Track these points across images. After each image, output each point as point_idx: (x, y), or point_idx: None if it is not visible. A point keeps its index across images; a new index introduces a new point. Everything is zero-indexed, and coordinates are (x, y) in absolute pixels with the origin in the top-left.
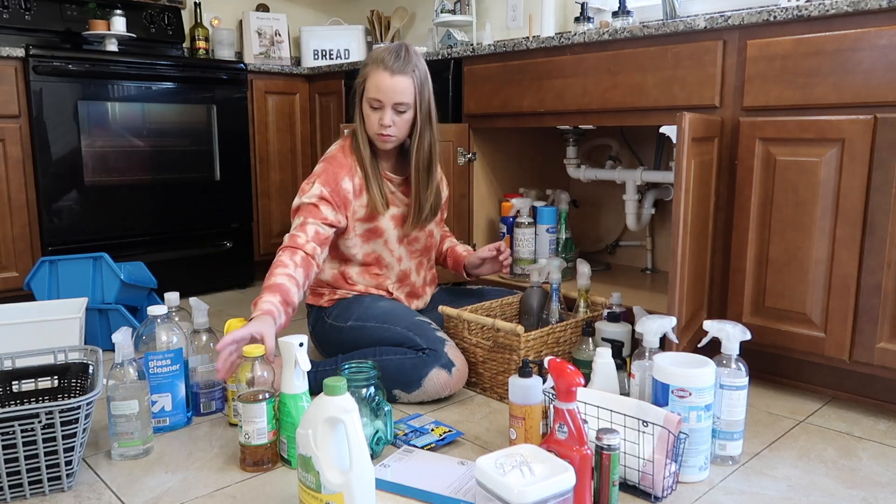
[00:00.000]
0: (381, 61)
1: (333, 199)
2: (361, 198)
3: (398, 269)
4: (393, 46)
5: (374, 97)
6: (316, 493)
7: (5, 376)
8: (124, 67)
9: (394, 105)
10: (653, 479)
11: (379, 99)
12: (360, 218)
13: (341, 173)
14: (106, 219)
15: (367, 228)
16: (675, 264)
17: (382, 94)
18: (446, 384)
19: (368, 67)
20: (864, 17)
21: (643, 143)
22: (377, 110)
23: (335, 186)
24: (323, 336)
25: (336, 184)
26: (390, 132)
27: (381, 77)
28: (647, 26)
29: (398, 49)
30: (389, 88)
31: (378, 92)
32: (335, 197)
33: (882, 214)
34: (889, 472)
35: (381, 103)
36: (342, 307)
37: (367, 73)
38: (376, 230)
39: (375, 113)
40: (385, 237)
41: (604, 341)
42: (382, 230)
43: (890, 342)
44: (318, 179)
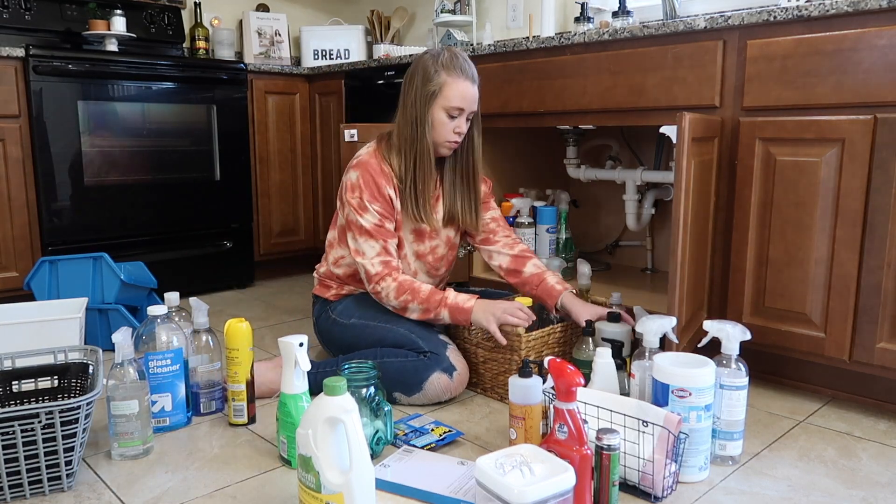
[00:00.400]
0: (459, 69)
1: (386, 211)
2: (396, 205)
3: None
4: (457, 52)
5: (456, 105)
6: (316, 493)
7: (5, 376)
8: (124, 67)
9: (469, 113)
10: (653, 479)
11: (462, 108)
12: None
13: (381, 181)
14: (106, 219)
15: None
16: (675, 264)
17: (466, 102)
18: (447, 388)
19: (444, 74)
20: (864, 17)
21: (643, 143)
22: (455, 118)
23: (381, 197)
24: (325, 329)
25: (381, 194)
26: (460, 139)
27: (465, 86)
28: (647, 26)
29: (458, 54)
30: (472, 97)
31: (463, 101)
32: (386, 206)
33: (882, 214)
34: (889, 472)
35: (462, 111)
36: (347, 304)
37: (445, 81)
38: (399, 242)
39: (452, 121)
40: (403, 251)
41: (604, 341)
42: (402, 243)
43: (890, 342)
44: (364, 194)
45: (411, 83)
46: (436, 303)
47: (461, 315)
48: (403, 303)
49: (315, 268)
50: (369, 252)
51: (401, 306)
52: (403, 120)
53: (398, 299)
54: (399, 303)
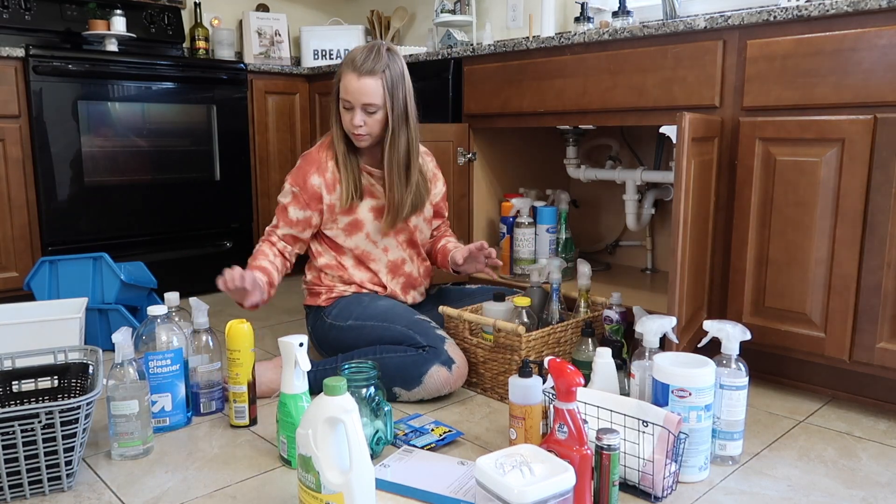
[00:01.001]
0: (351, 62)
1: (302, 197)
2: (336, 191)
3: (387, 260)
4: (366, 47)
5: (343, 98)
6: (316, 493)
7: (5, 376)
8: (124, 67)
9: (362, 105)
10: (653, 479)
11: (348, 100)
12: (339, 211)
13: (310, 170)
14: (106, 219)
15: (348, 222)
16: (675, 264)
17: (351, 95)
18: (447, 381)
19: (342, 67)
20: (864, 17)
21: (643, 143)
22: (349, 110)
23: (304, 184)
24: (322, 336)
25: (304, 181)
26: (362, 131)
27: (349, 78)
28: (647, 26)
29: (370, 49)
30: (356, 90)
31: (347, 93)
32: (303, 194)
33: (882, 214)
34: (889, 472)
35: (351, 104)
36: (341, 306)
37: (340, 74)
38: (356, 223)
39: (348, 113)
40: (366, 230)
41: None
42: (362, 222)
43: (890, 342)
44: (291, 178)
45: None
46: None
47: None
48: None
49: (302, 281)
50: (272, 222)
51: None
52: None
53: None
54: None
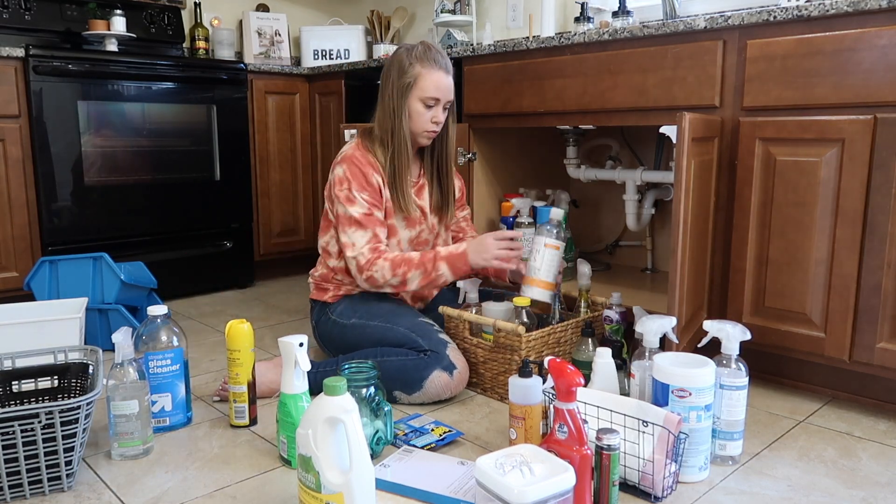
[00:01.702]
0: (433, 60)
1: (375, 199)
2: (385, 194)
3: None
4: (430, 45)
5: (431, 96)
6: (316, 493)
7: (5, 376)
8: (124, 67)
9: (445, 103)
10: (653, 479)
11: (437, 98)
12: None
13: (368, 171)
14: (106, 219)
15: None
16: (675, 264)
17: (441, 92)
18: (447, 386)
19: (418, 66)
20: (864, 17)
21: (643, 143)
22: (431, 108)
23: (370, 186)
24: (325, 332)
25: (369, 183)
26: (438, 129)
27: (439, 76)
28: (647, 26)
29: (437, 48)
30: (447, 87)
31: (437, 91)
32: (374, 195)
33: (882, 214)
34: (889, 472)
35: (438, 101)
36: (346, 304)
37: (419, 73)
38: (392, 228)
39: (429, 111)
40: (398, 237)
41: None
42: (396, 229)
43: (890, 342)
44: (353, 185)
45: (388, 77)
46: (431, 262)
47: (459, 261)
48: (402, 275)
49: (309, 273)
50: (359, 242)
51: (400, 280)
52: (382, 113)
53: (395, 274)
54: (398, 277)
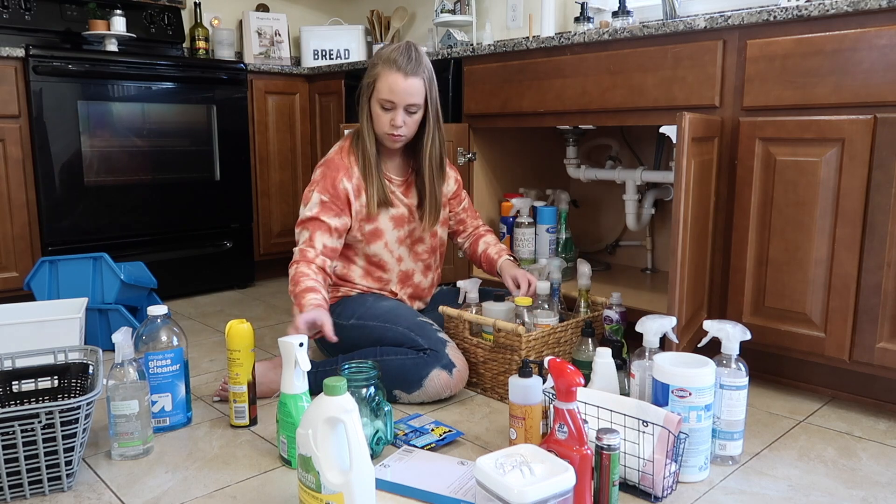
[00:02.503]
0: (393, 62)
1: (335, 204)
2: (361, 198)
3: (398, 270)
4: (401, 47)
5: (386, 98)
6: (316, 493)
7: (5, 376)
8: (124, 67)
9: (406, 106)
10: (653, 479)
11: (392, 100)
12: (361, 218)
13: (338, 175)
14: (106, 219)
15: (370, 230)
16: (675, 264)
17: (396, 95)
18: (447, 385)
19: (379, 68)
20: (864, 17)
21: (643, 143)
22: (389, 111)
23: (334, 190)
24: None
25: (334, 187)
26: (401, 132)
27: (394, 78)
28: (647, 26)
29: (408, 50)
30: (403, 90)
31: (391, 93)
32: (336, 201)
33: (882, 214)
34: (889, 472)
35: (394, 104)
36: (345, 305)
37: (378, 74)
38: (377, 232)
39: (387, 114)
40: (385, 239)
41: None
42: (382, 231)
43: (890, 342)
44: (317, 187)
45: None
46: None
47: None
48: (290, 291)
49: None
50: (299, 241)
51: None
52: (359, 115)
53: (292, 281)
54: (291, 283)
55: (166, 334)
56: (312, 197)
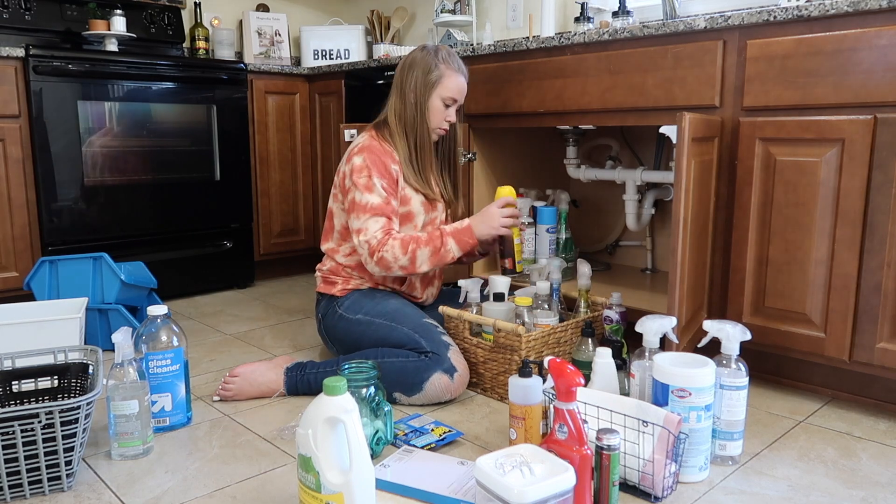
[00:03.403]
0: (454, 61)
1: (392, 188)
2: (400, 181)
3: None
4: (449, 50)
5: (451, 96)
6: (316, 493)
7: (5, 376)
8: (124, 67)
9: (458, 105)
10: (653, 479)
11: (455, 98)
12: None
13: (387, 160)
14: (106, 219)
15: (403, 212)
16: (675, 264)
17: (460, 94)
18: (447, 389)
19: (443, 67)
20: (864, 17)
21: (643, 143)
22: (448, 108)
23: (388, 174)
24: (331, 326)
25: (388, 171)
26: (447, 127)
27: (458, 79)
28: (647, 26)
29: (451, 50)
30: (463, 91)
31: (458, 92)
32: (391, 185)
33: (882, 214)
34: (889, 472)
35: (455, 101)
36: (354, 299)
37: (443, 73)
38: (409, 215)
39: (446, 110)
40: (415, 221)
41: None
42: (414, 214)
43: (890, 342)
44: (373, 172)
45: (410, 72)
46: (439, 238)
47: (465, 235)
48: (412, 253)
49: (317, 268)
50: (373, 227)
51: (410, 259)
52: (402, 105)
53: (405, 253)
54: (407, 256)
55: (166, 334)
56: (375, 182)
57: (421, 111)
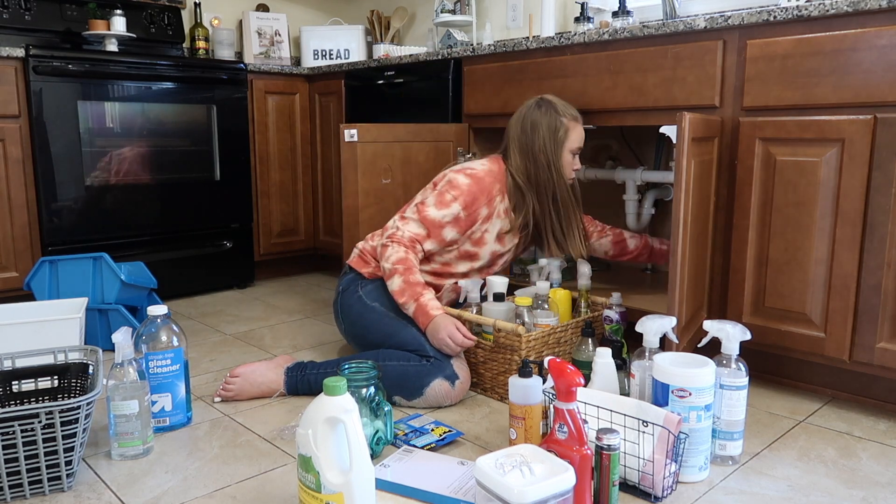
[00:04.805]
0: (575, 117)
1: (464, 223)
2: (491, 222)
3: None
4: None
5: (578, 146)
6: (316, 493)
7: (5, 376)
8: (124, 67)
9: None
10: (653, 479)
11: (581, 147)
12: (472, 239)
13: (482, 199)
14: (106, 219)
15: (468, 251)
16: (675, 264)
17: (582, 143)
18: (447, 395)
19: (567, 120)
20: (864, 17)
21: (643, 143)
22: (575, 156)
23: (473, 212)
24: (347, 303)
25: (475, 209)
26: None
27: (580, 129)
28: (647, 26)
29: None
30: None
31: (581, 142)
32: (468, 220)
33: (882, 214)
34: (889, 472)
35: (580, 150)
36: (376, 286)
37: (568, 126)
38: (475, 255)
39: (574, 158)
40: (479, 263)
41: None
42: (479, 256)
43: (890, 342)
44: (461, 198)
45: (535, 134)
46: (414, 292)
47: (421, 316)
48: (393, 270)
49: (358, 245)
50: (412, 227)
51: (390, 270)
52: (534, 167)
53: (394, 264)
54: (391, 266)
55: (166, 334)
56: (453, 207)
57: (556, 170)
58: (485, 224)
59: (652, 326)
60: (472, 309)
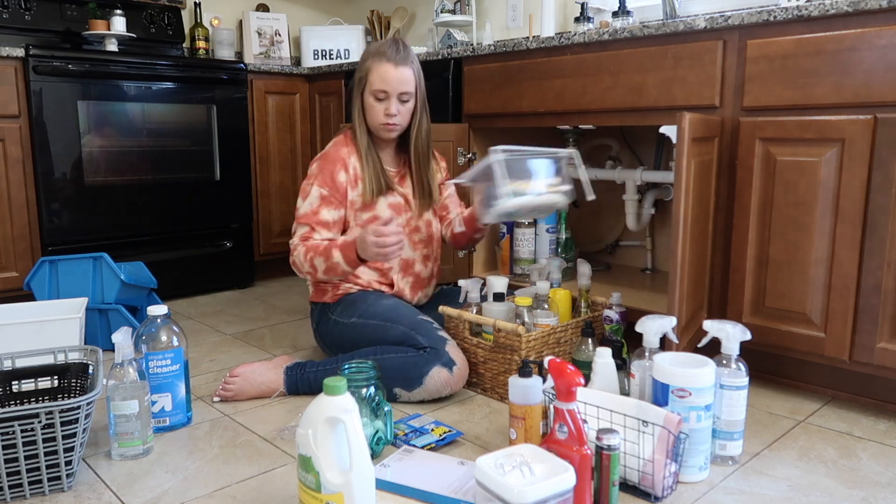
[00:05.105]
0: (382, 54)
1: (334, 197)
2: (358, 187)
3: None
4: (388, 41)
5: (379, 88)
6: (316, 493)
7: (5, 376)
8: (124, 67)
9: (399, 95)
10: (653, 479)
11: (385, 90)
12: (358, 208)
13: (336, 168)
14: (106, 219)
15: (367, 218)
16: (675, 264)
17: (389, 84)
18: (447, 382)
19: (370, 61)
20: (864, 17)
21: (643, 143)
22: (382, 101)
23: (332, 183)
24: (327, 332)
25: (333, 180)
26: (396, 121)
27: (385, 69)
28: (647, 26)
29: (395, 42)
30: (395, 79)
31: (384, 83)
32: (334, 194)
33: (882, 214)
34: (889, 472)
35: (387, 94)
36: (346, 303)
37: (369, 67)
38: (375, 219)
39: (381, 104)
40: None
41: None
42: (379, 218)
43: (890, 342)
44: (316, 181)
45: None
46: (329, 253)
47: (348, 250)
48: (310, 261)
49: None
50: (298, 232)
51: (310, 266)
52: (351, 110)
53: (306, 260)
54: (307, 263)
55: (166, 334)
56: (312, 191)
57: (360, 113)
58: (356, 188)
59: (652, 326)
60: (472, 309)
